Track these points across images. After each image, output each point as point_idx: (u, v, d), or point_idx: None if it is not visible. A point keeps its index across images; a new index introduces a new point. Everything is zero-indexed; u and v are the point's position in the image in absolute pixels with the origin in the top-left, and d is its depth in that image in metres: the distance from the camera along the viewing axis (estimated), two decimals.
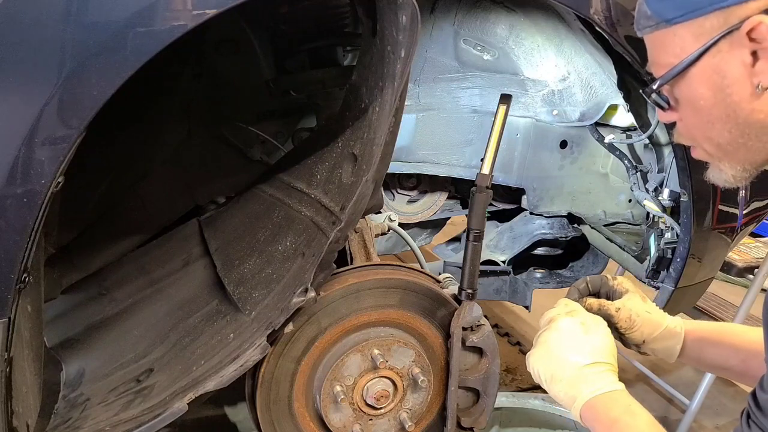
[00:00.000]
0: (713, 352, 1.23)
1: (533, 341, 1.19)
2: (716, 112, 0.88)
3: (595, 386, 1.05)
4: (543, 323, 1.19)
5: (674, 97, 0.95)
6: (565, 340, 1.11)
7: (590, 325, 1.12)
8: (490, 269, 2.05)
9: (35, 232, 0.98)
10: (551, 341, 1.13)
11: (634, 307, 1.21)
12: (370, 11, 1.22)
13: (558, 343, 1.12)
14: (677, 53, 0.88)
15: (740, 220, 1.75)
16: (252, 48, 1.73)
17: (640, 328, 1.21)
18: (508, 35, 1.74)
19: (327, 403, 1.34)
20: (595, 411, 1.04)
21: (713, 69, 0.86)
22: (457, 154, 1.86)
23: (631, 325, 1.21)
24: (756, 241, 3.12)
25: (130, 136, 1.68)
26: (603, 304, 1.21)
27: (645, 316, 1.22)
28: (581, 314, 1.15)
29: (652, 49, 0.95)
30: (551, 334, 1.13)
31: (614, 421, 1.00)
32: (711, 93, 0.88)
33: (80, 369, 1.50)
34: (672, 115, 0.98)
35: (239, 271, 1.46)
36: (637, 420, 1.00)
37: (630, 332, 1.21)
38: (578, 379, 1.07)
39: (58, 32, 0.91)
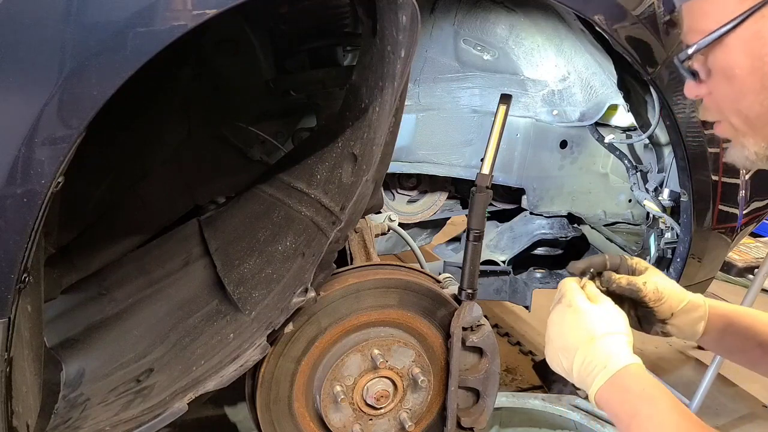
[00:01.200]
0: (735, 332, 1.20)
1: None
2: (750, 82, 0.87)
3: (603, 367, 1.00)
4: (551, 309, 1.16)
5: (706, 69, 0.92)
6: (559, 329, 1.09)
7: (577, 301, 1.08)
8: (490, 269, 2.05)
9: (35, 232, 0.98)
10: (551, 335, 1.11)
11: (658, 280, 1.19)
12: (370, 11, 1.22)
13: (557, 335, 1.09)
14: (718, 19, 0.86)
15: (740, 220, 1.75)
16: (252, 48, 1.73)
17: (668, 301, 1.18)
18: (508, 35, 1.74)
19: (327, 403, 1.34)
20: (609, 402, 0.99)
21: (754, 35, 0.84)
22: (457, 154, 1.87)
23: (659, 296, 1.17)
24: (756, 241, 3.11)
25: (130, 136, 1.67)
26: (630, 279, 1.18)
27: (671, 288, 1.19)
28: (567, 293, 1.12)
29: (691, 15, 0.92)
30: (550, 329, 1.12)
31: (632, 416, 0.95)
32: (749, 61, 0.86)
33: (80, 369, 1.50)
34: (701, 89, 0.96)
35: (239, 271, 1.46)
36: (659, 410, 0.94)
37: (659, 305, 1.17)
38: (584, 364, 1.02)
39: (58, 32, 0.91)
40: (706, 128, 1.54)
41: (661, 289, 1.18)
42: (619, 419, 0.98)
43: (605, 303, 1.09)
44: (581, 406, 2.21)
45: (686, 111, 1.51)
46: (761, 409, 2.77)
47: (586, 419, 2.15)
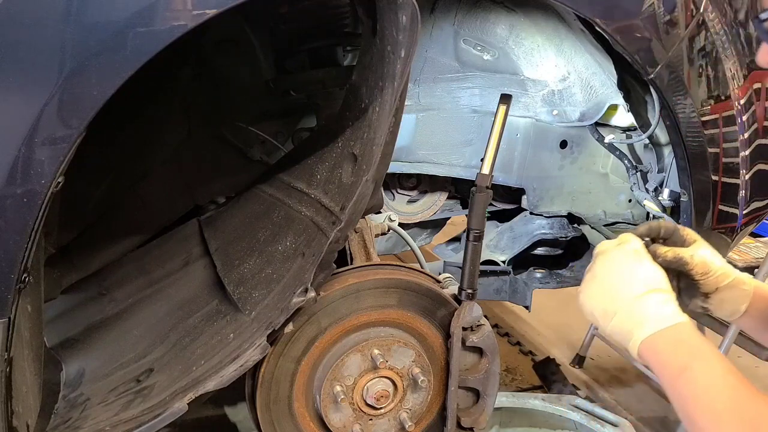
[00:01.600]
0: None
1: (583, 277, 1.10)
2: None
3: (656, 319, 0.95)
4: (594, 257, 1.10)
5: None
6: (616, 269, 1.03)
7: (643, 254, 1.04)
8: (490, 269, 2.05)
9: (35, 232, 0.98)
10: (600, 273, 1.04)
11: (707, 254, 1.14)
12: (370, 11, 1.22)
13: (608, 274, 1.03)
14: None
15: (740, 220, 1.75)
16: (252, 48, 1.73)
17: (715, 275, 1.13)
18: (508, 35, 1.74)
19: (327, 403, 1.34)
20: (658, 352, 0.94)
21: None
22: (457, 154, 1.86)
23: (706, 270, 1.12)
24: (756, 241, 3.11)
25: (130, 136, 1.68)
26: (677, 251, 1.13)
27: (719, 263, 1.15)
28: (633, 242, 1.06)
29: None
30: (600, 266, 1.05)
31: (683, 369, 0.91)
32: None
33: (80, 369, 1.50)
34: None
35: (239, 271, 1.46)
36: (712, 367, 0.90)
37: (705, 278, 1.13)
38: (635, 311, 0.97)
39: (58, 32, 0.91)
40: (706, 128, 1.54)
41: (708, 262, 1.13)
42: (667, 370, 0.93)
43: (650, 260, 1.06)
44: (581, 406, 2.21)
45: (686, 111, 1.51)
46: None
47: (586, 419, 2.15)
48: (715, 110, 1.55)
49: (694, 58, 1.50)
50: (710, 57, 1.53)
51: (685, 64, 1.48)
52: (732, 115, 1.59)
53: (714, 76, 1.54)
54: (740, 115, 1.60)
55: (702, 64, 1.52)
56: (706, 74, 1.53)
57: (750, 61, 1.63)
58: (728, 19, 1.56)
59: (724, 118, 1.58)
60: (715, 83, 1.55)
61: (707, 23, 1.50)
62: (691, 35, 1.48)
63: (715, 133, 1.57)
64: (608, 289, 1.02)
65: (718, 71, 1.55)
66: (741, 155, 1.64)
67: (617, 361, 3.25)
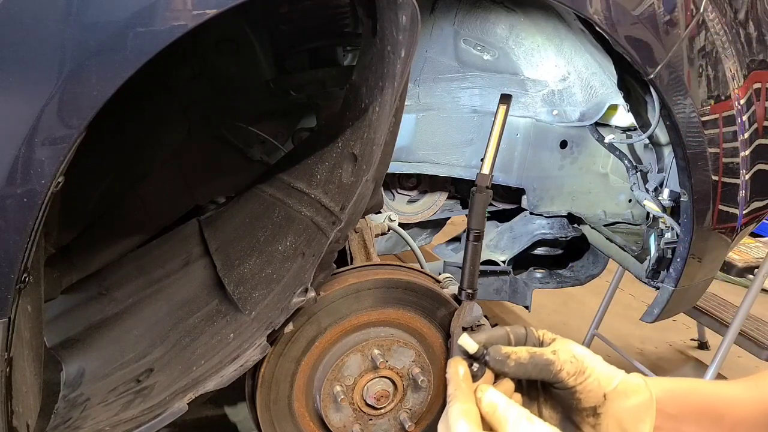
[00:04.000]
0: (697, 417, 0.83)
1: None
2: None
3: None
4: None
5: None
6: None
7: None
8: (490, 269, 2.05)
9: (35, 232, 0.98)
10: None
11: (574, 348, 0.83)
12: (370, 11, 1.22)
13: None
14: None
15: (740, 220, 1.75)
16: (252, 48, 1.73)
17: (594, 375, 0.81)
18: (508, 35, 1.74)
19: (327, 403, 1.34)
20: None
21: None
22: (457, 154, 1.86)
23: (580, 367, 0.81)
24: (756, 241, 3.12)
25: (130, 136, 1.68)
26: (533, 350, 0.82)
27: (593, 359, 0.82)
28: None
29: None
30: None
31: None
32: None
33: (80, 369, 1.50)
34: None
35: (239, 271, 1.46)
36: None
37: (583, 381, 0.81)
38: None
39: (58, 32, 0.91)
40: (706, 128, 1.54)
41: (580, 357, 0.82)
42: None
43: (515, 423, 0.73)
44: None
45: (686, 111, 1.51)
46: None
47: None
48: (715, 110, 1.55)
49: (694, 58, 1.50)
50: (710, 57, 1.53)
51: (685, 64, 1.48)
52: (732, 115, 1.59)
53: (714, 76, 1.54)
54: (740, 115, 1.60)
55: (702, 64, 1.52)
56: (706, 74, 1.53)
57: (750, 61, 1.63)
58: (728, 19, 1.56)
59: (724, 118, 1.58)
60: (715, 83, 1.55)
61: (707, 23, 1.50)
62: (691, 35, 1.48)
63: (715, 133, 1.56)
64: None
65: (718, 71, 1.55)
66: (741, 155, 1.63)
67: (617, 361, 3.25)
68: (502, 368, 0.80)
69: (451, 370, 0.80)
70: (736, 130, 1.60)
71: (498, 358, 0.80)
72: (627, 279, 2.72)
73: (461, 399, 0.77)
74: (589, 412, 0.82)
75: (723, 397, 0.84)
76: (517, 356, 0.80)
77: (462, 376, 0.80)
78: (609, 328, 3.16)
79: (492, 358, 0.80)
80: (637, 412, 0.80)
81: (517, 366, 0.80)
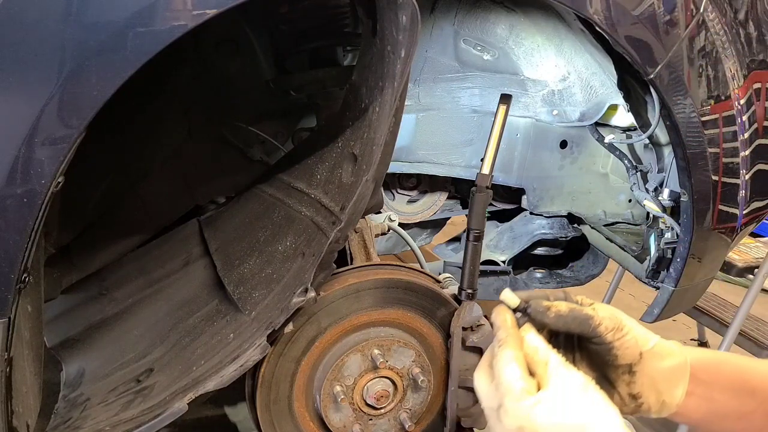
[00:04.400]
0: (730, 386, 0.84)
1: None
2: None
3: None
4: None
5: None
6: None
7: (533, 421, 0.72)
8: (490, 269, 2.05)
9: (35, 232, 0.98)
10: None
11: (610, 308, 0.85)
12: (370, 11, 1.22)
13: None
14: None
15: (740, 220, 1.75)
16: (252, 48, 1.73)
17: (632, 334, 0.83)
18: (508, 35, 1.74)
19: (327, 403, 1.34)
20: None
21: None
22: (457, 154, 1.86)
23: (618, 324, 0.83)
24: (756, 241, 3.12)
25: (130, 136, 1.68)
26: (573, 305, 0.85)
27: (629, 319, 0.85)
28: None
29: None
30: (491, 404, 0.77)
31: None
32: None
33: (80, 369, 1.50)
34: None
35: (239, 271, 1.46)
36: None
37: (621, 338, 0.83)
38: None
39: (58, 32, 0.91)
40: (706, 128, 1.54)
41: (618, 316, 0.84)
42: None
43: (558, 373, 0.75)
44: None
45: (686, 111, 1.51)
46: None
47: None
48: (715, 110, 1.55)
49: (694, 58, 1.50)
50: (710, 57, 1.53)
51: (685, 64, 1.48)
52: (732, 115, 1.59)
53: (714, 76, 1.54)
54: (740, 115, 1.60)
55: (702, 64, 1.52)
56: (706, 74, 1.53)
57: (750, 61, 1.63)
58: (728, 19, 1.56)
59: (724, 118, 1.58)
60: (715, 83, 1.55)
61: (707, 23, 1.50)
62: (691, 35, 1.48)
63: (715, 133, 1.56)
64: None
65: (718, 71, 1.55)
66: (741, 155, 1.63)
67: None
68: (543, 319, 0.82)
69: (499, 318, 0.83)
70: (736, 130, 1.60)
71: (539, 309, 0.83)
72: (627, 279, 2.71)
73: (511, 345, 0.78)
74: (624, 369, 0.83)
75: (756, 372, 0.85)
76: (558, 308, 0.82)
77: (510, 323, 0.82)
78: None
79: (533, 309, 0.83)
80: (672, 374, 0.82)
81: (557, 317, 0.82)
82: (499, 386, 0.75)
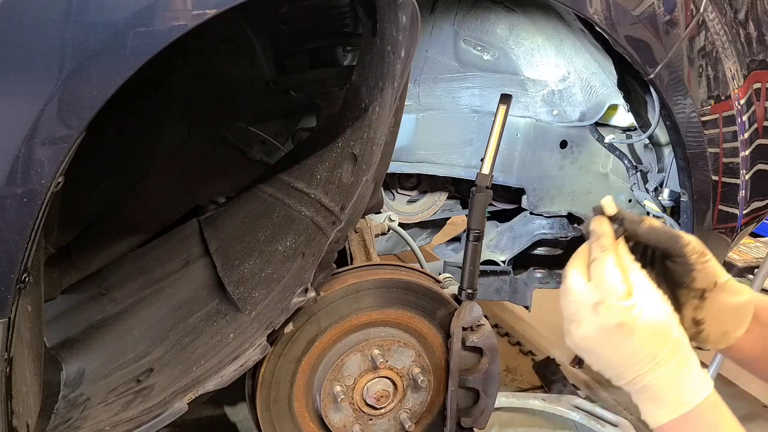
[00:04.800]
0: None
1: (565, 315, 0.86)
2: None
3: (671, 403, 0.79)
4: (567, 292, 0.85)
5: None
6: (605, 348, 0.81)
7: (630, 317, 0.78)
8: (490, 269, 2.05)
9: (35, 232, 0.98)
10: (585, 346, 0.83)
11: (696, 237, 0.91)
12: (370, 11, 1.22)
13: (598, 351, 0.82)
14: None
15: (740, 220, 1.75)
16: (252, 48, 1.73)
17: (713, 262, 0.90)
18: (508, 35, 1.74)
19: (327, 403, 1.34)
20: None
21: None
22: (457, 154, 1.86)
23: (703, 251, 0.89)
24: (756, 241, 3.11)
25: (130, 136, 1.68)
26: (664, 225, 0.91)
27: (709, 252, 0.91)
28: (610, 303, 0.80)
29: None
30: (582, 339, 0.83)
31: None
32: None
33: (80, 369, 1.50)
34: None
35: (239, 271, 1.46)
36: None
37: (704, 262, 0.88)
38: (646, 390, 0.80)
39: (58, 32, 0.91)
40: (706, 128, 1.54)
41: (702, 245, 0.90)
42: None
43: (644, 284, 0.81)
44: (581, 406, 2.22)
45: (686, 111, 1.51)
46: (761, 408, 2.76)
47: (586, 419, 2.15)
48: (715, 110, 1.55)
49: (694, 58, 1.50)
50: (710, 57, 1.53)
51: (685, 64, 1.48)
52: (732, 115, 1.59)
53: (714, 76, 1.54)
54: (740, 115, 1.60)
55: (702, 64, 1.52)
56: (706, 74, 1.53)
57: (750, 61, 1.63)
58: (728, 19, 1.56)
59: (724, 118, 1.58)
60: (715, 83, 1.55)
61: (707, 23, 1.50)
62: (691, 35, 1.48)
63: (715, 133, 1.57)
64: (603, 364, 0.83)
65: (718, 71, 1.55)
66: (741, 155, 1.63)
67: None
68: (636, 229, 0.88)
69: (601, 226, 0.87)
70: (736, 130, 1.60)
71: (634, 220, 0.88)
72: None
73: (613, 252, 0.84)
74: (696, 293, 0.90)
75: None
76: (651, 222, 0.88)
77: (611, 233, 0.86)
78: None
79: (628, 219, 0.87)
80: (738, 309, 0.90)
81: (650, 229, 0.88)
82: (600, 285, 0.81)
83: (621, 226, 0.88)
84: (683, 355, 0.80)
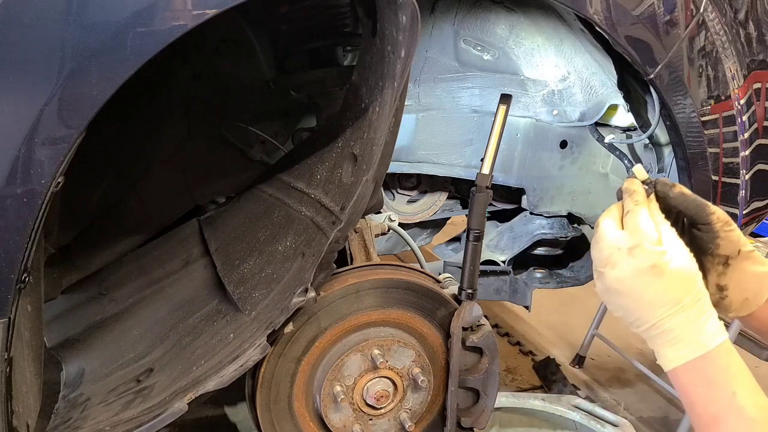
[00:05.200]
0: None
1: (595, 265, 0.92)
2: None
3: (688, 345, 0.85)
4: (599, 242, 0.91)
5: None
6: (635, 289, 0.87)
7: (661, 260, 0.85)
8: (490, 269, 2.05)
9: (35, 232, 0.98)
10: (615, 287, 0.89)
11: None
12: (370, 11, 1.22)
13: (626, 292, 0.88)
14: None
15: (740, 220, 1.75)
16: (252, 48, 1.73)
17: (738, 231, 0.95)
18: (508, 35, 1.74)
19: (327, 403, 1.34)
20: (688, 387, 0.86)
21: None
22: (457, 154, 1.87)
23: (728, 221, 0.94)
24: (756, 241, 3.11)
25: (130, 136, 1.68)
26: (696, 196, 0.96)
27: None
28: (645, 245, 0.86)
29: None
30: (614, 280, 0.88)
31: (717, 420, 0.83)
32: None
33: (80, 369, 1.50)
34: None
35: (239, 271, 1.46)
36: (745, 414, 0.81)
37: (729, 230, 0.94)
38: (664, 332, 0.86)
39: (58, 32, 0.91)
40: (706, 128, 1.54)
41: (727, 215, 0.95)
42: (695, 411, 0.86)
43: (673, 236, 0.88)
44: (581, 406, 2.22)
45: (686, 111, 1.51)
46: None
47: (586, 419, 2.15)
48: (715, 110, 1.55)
49: (694, 58, 1.50)
50: (710, 57, 1.53)
51: (685, 64, 1.48)
52: (732, 115, 1.59)
53: (714, 76, 1.54)
54: (740, 115, 1.60)
55: (702, 64, 1.52)
56: (706, 74, 1.53)
57: (750, 61, 1.63)
58: (728, 19, 1.56)
59: (724, 118, 1.58)
60: (715, 83, 1.55)
61: (707, 23, 1.50)
62: (691, 35, 1.48)
63: (715, 133, 1.57)
64: (629, 306, 0.89)
65: (718, 71, 1.55)
66: (741, 155, 1.64)
67: (617, 361, 3.25)
68: (667, 193, 0.95)
69: (633, 186, 0.94)
70: (736, 130, 1.60)
71: (667, 183, 0.95)
72: None
73: (646, 206, 0.91)
74: (721, 260, 0.96)
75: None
76: (682, 188, 0.95)
77: (643, 192, 0.93)
78: (609, 328, 3.16)
79: (660, 182, 0.94)
80: (760, 277, 0.95)
81: (680, 195, 0.95)
82: (635, 232, 0.88)
83: (651, 189, 0.95)
84: (704, 304, 0.86)
